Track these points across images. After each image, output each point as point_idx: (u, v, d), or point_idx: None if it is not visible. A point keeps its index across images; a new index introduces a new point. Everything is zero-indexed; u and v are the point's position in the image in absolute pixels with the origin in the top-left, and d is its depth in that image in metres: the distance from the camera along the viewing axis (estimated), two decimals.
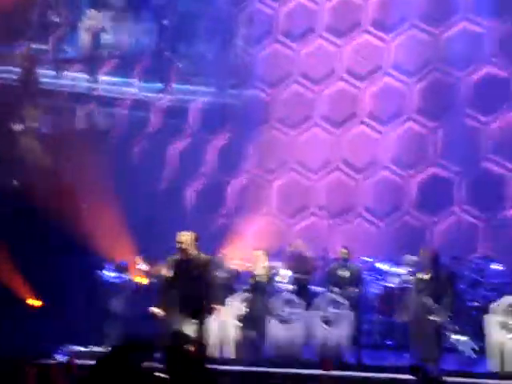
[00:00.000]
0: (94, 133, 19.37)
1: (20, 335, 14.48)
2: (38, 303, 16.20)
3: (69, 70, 19.52)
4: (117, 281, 15.62)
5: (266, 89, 18.90)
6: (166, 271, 14.04)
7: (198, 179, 18.94)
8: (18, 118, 18.70)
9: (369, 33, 18.41)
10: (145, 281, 15.25)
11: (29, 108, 18.82)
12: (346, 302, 13.42)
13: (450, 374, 11.15)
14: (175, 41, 19.73)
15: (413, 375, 10.21)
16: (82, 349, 14.69)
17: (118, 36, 19.76)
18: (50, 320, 15.31)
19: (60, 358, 11.17)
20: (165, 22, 19.60)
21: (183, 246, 10.83)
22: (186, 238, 10.89)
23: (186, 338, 8.31)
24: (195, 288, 10.74)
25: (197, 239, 10.99)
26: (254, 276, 13.52)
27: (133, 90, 19.65)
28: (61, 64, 19.47)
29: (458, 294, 14.37)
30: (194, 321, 10.75)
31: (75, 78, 19.54)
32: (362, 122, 18.19)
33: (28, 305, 16.22)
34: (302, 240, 15.39)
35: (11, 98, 18.58)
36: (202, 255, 11.06)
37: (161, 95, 19.51)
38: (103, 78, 19.59)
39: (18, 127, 18.58)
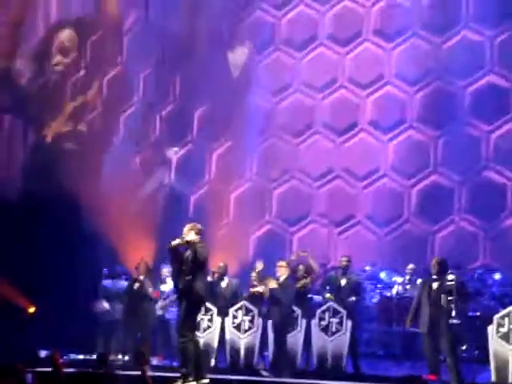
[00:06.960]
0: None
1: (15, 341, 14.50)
2: (32, 309, 16.20)
3: None
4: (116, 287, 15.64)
5: (268, 97, 18.89)
6: None
7: (199, 188, 18.95)
8: None
9: (370, 41, 18.41)
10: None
11: None
12: (344, 311, 13.39)
13: None
14: None
15: None
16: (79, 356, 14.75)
17: None
18: (47, 326, 15.33)
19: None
20: None
21: None
22: None
23: None
24: None
25: None
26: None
27: None
28: None
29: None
30: None
31: None
32: (364, 131, 18.17)
33: (24, 311, 16.23)
34: (305, 249, 15.33)
35: None
36: None
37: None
38: None
39: None
